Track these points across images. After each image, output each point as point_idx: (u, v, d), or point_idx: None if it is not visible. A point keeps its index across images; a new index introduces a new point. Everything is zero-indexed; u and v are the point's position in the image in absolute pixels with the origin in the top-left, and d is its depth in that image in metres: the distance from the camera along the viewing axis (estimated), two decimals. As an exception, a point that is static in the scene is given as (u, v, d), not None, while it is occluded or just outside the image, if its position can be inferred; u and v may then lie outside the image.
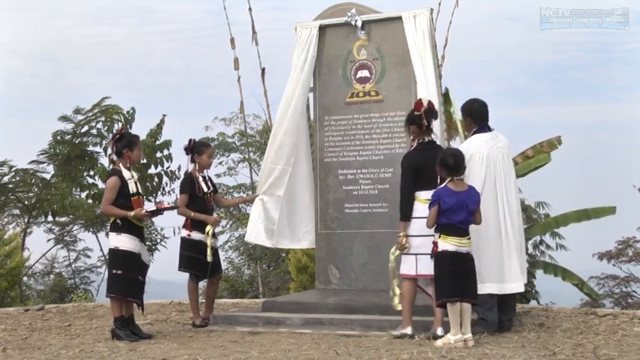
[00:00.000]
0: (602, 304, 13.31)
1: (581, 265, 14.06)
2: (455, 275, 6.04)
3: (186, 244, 7.48)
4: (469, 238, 6.12)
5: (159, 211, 7.15)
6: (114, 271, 6.82)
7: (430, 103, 6.53)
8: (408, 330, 6.31)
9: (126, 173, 6.89)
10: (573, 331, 6.60)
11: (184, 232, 7.48)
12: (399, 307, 6.45)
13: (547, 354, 5.55)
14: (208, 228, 7.38)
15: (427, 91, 7.28)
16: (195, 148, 7.60)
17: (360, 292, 7.65)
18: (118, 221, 6.81)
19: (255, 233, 8.07)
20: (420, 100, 6.58)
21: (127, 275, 6.78)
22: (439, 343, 5.94)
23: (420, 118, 6.45)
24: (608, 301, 14.59)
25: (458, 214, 6.08)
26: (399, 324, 6.42)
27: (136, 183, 6.94)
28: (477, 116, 6.76)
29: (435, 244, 6.10)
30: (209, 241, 7.35)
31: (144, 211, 6.83)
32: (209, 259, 7.34)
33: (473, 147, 6.60)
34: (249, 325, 7.21)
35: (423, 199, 6.34)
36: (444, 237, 6.06)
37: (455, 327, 5.97)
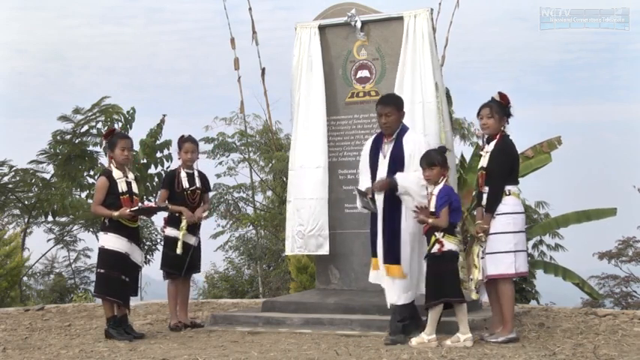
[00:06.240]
0: (602, 304, 13.31)
1: (582, 265, 14.08)
2: (457, 276, 6.06)
3: (163, 240, 7.49)
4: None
5: (144, 210, 7.08)
6: (98, 270, 6.91)
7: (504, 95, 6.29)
8: (514, 334, 6.13)
9: (116, 173, 6.90)
10: (573, 331, 6.60)
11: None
12: (475, 297, 6.26)
13: (547, 354, 5.55)
14: (183, 223, 7.26)
15: (425, 91, 7.31)
16: (178, 145, 7.52)
17: (360, 292, 7.65)
18: (106, 221, 6.87)
19: (311, 244, 7.84)
20: (503, 92, 6.28)
21: (109, 275, 6.80)
22: (413, 342, 5.96)
23: (509, 110, 6.32)
24: (609, 301, 14.60)
25: (458, 212, 6.11)
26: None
27: (129, 183, 6.94)
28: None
29: (440, 243, 6.00)
30: (181, 234, 7.24)
31: (128, 210, 6.80)
32: (178, 251, 7.22)
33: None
34: (249, 325, 7.21)
35: (516, 194, 6.17)
36: (448, 236, 6.01)
37: (432, 326, 5.98)
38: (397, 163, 6.35)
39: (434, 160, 6.12)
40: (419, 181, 6.24)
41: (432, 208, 6.06)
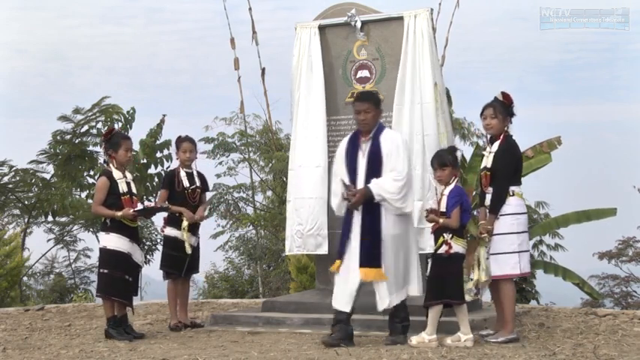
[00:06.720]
0: (602, 304, 13.31)
1: (582, 265, 14.05)
2: (461, 277, 6.04)
3: (163, 240, 7.51)
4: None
5: (147, 210, 7.11)
6: (101, 270, 6.92)
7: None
8: (514, 334, 6.14)
9: (116, 173, 6.91)
10: (573, 331, 6.60)
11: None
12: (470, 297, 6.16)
13: (547, 354, 5.55)
14: (184, 224, 7.28)
15: (424, 92, 7.32)
16: (176, 145, 7.55)
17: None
18: (107, 221, 6.88)
19: (310, 243, 7.83)
20: (507, 92, 6.26)
21: (113, 275, 6.81)
22: (413, 342, 5.95)
23: (513, 110, 6.30)
24: (609, 301, 14.59)
25: (468, 213, 6.09)
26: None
27: (128, 183, 6.95)
28: None
29: (448, 245, 5.97)
30: (185, 235, 7.27)
31: (131, 210, 6.82)
32: (188, 251, 7.27)
33: None
34: (249, 325, 7.21)
35: (520, 194, 6.20)
36: (456, 239, 5.98)
37: (432, 326, 5.97)
38: (375, 162, 6.20)
39: (445, 161, 6.11)
40: (393, 183, 6.09)
41: (443, 209, 6.03)
